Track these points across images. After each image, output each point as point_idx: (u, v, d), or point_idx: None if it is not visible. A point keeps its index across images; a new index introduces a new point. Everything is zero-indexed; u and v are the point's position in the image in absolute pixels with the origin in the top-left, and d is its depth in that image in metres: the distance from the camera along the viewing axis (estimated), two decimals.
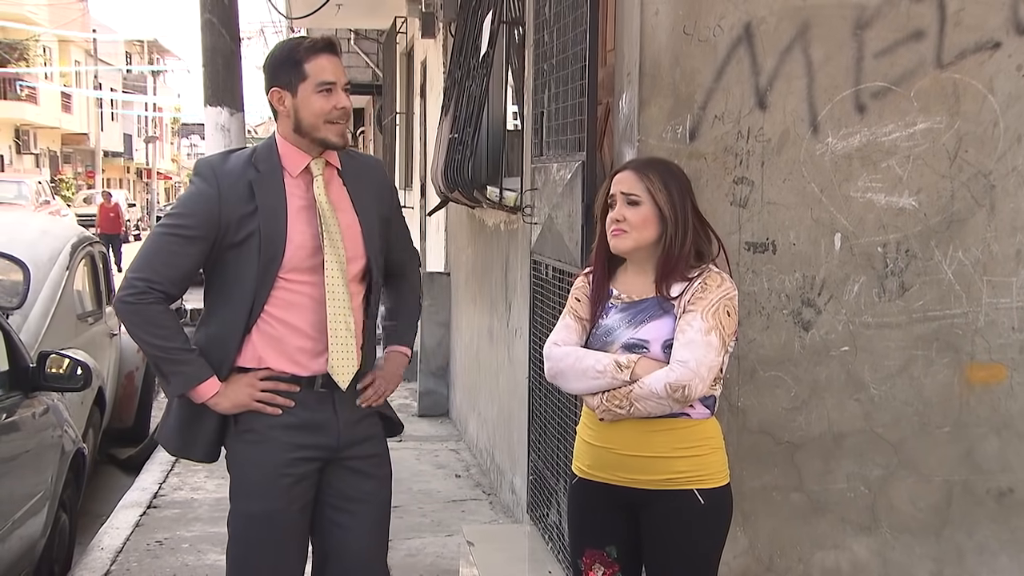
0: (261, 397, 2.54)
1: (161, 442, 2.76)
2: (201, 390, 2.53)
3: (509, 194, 4.74)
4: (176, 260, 2.53)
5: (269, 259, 2.52)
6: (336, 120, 2.55)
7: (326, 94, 2.54)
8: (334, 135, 2.57)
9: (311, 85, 2.54)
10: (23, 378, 4.03)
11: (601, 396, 2.43)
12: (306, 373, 2.58)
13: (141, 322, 2.52)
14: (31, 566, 4.07)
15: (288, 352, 2.57)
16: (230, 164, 2.59)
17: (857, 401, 3.14)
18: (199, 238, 2.52)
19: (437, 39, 7.92)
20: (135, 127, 50.34)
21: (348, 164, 2.69)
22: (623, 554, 2.53)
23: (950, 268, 3.12)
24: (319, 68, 2.55)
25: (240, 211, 2.52)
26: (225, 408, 2.55)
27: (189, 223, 2.53)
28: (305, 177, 2.60)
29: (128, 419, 6.91)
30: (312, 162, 2.60)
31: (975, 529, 3.20)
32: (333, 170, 2.65)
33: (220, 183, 2.53)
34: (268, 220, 2.52)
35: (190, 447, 2.66)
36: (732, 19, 3.03)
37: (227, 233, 2.52)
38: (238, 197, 2.52)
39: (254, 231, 2.51)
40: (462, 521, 4.94)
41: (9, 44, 35.24)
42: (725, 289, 2.43)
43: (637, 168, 2.51)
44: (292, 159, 2.60)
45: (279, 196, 2.56)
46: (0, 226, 6.22)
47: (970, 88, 3.08)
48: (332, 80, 2.55)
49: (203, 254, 2.54)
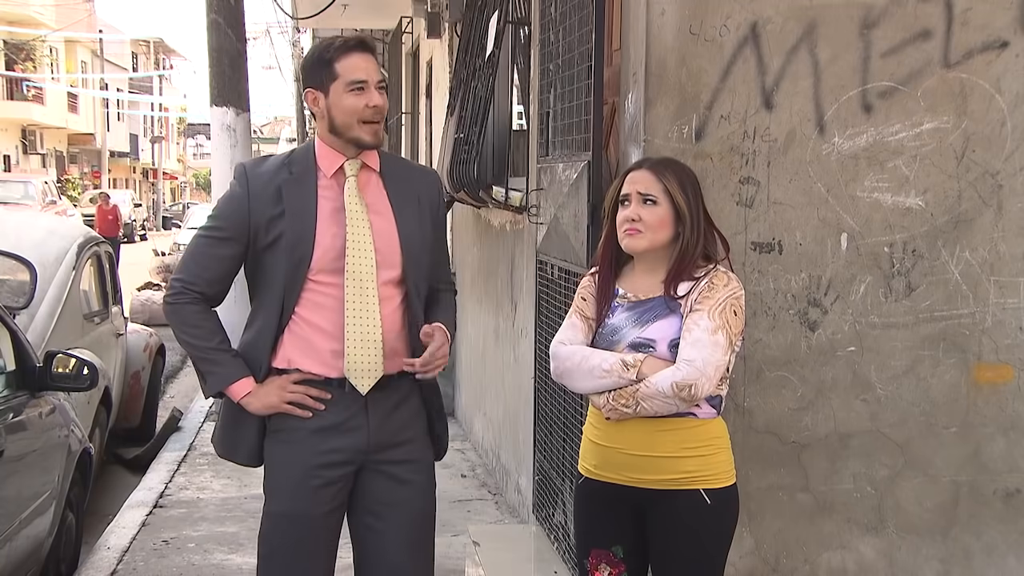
0: (291, 399, 2.54)
1: (213, 444, 2.76)
2: (233, 390, 2.55)
3: (515, 194, 4.74)
4: (210, 262, 2.56)
5: (298, 261, 2.52)
6: (369, 119, 2.53)
7: (358, 92, 2.52)
8: (368, 134, 2.54)
9: (342, 84, 2.52)
10: (30, 378, 4.03)
11: (608, 395, 2.43)
12: (335, 375, 2.56)
13: (178, 322, 2.57)
14: (38, 565, 4.08)
15: (317, 354, 2.56)
16: (265, 167, 2.61)
17: (863, 401, 3.14)
18: (231, 239, 2.55)
19: (443, 39, 7.92)
20: (141, 127, 50.43)
21: (393, 167, 2.67)
22: (629, 554, 2.53)
23: (957, 268, 3.12)
24: (350, 67, 2.53)
25: (269, 213, 2.52)
26: (256, 409, 2.56)
27: (221, 225, 2.58)
28: (339, 178, 2.58)
29: (134, 419, 6.92)
30: (347, 163, 2.58)
31: (983, 530, 3.19)
32: (372, 172, 2.62)
33: (251, 185, 2.55)
34: (295, 222, 2.52)
35: (235, 450, 2.67)
36: (738, 19, 3.02)
37: (258, 235, 2.53)
38: (268, 199, 2.53)
39: (282, 233, 2.52)
40: (468, 521, 4.94)
41: (16, 45, 35.32)
42: (732, 289, 2.43)
43: (654, 168, 2.49)
44: (327, 160, 2.58)
45: (309, 198, 2.55)
46: (7, 226, 6.23)
47: (977, 88, 3.07)
48: (363, 78, 2.52)
49: (238, 256, 2.57)
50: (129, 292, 7.90)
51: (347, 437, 2.56)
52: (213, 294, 2.59)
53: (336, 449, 2.55)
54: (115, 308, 6.73)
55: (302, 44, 22.72)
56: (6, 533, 3.61)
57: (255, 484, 2.74)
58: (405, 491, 2.62)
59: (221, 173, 7.22)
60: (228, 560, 4.53)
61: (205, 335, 2.56)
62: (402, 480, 2.61)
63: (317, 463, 2.54)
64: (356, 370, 2.54)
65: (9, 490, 3.72)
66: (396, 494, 2.61)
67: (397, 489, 2.61)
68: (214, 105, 7.30)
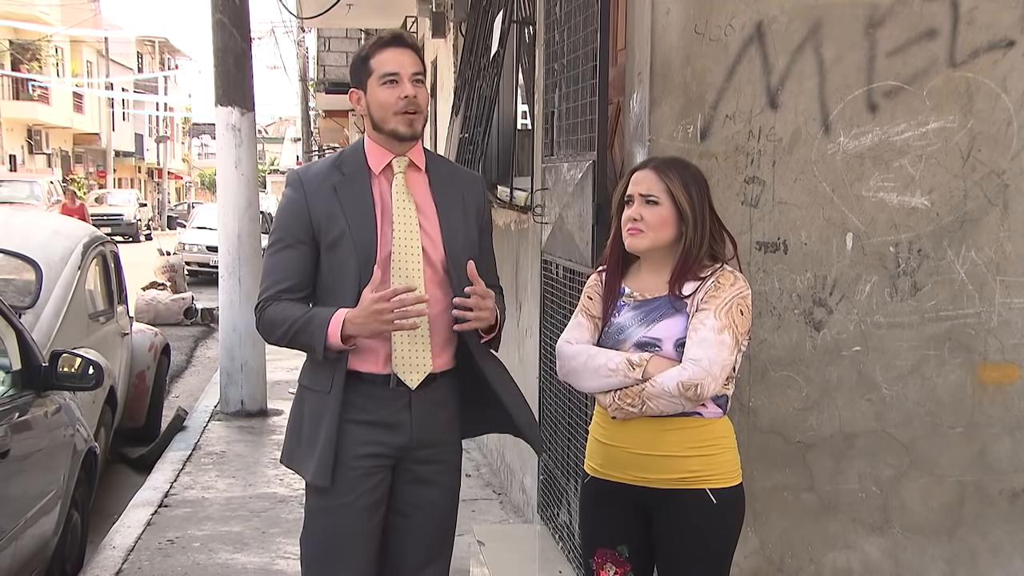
0: (392, 318, 2.43)
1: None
2: (332, 327, 2.47)
3: (519, 193, 4.74)
4: (284, 269, 2.56)
5: (366, 257, 2.52)
6: (404, 110, 2.54)
7: (391, 85, 2.54)
8: (403, 126, 2.55)
9: (376, 79, 2.55)
10: (35, 377, 4.04)
11: (613, 395, 2.43)
12: (382, 371, 2.57)
13: (268, 327, 2.57)
14: (43, 564, 4.09)
15: (367, 348, 2.55)
16: (315, 169, 2.64)
17: (869, 401, 3.13)
18: (298, 243, 2.56)
19: (447, 39, 7.93)
20: (146, 127, 50.53)
21: (439, 168, 2.68)
22: (635, 553, 2.52)
23: (963, 268, 3.11)
24: (382, 61, 2.55)
25: (327, 212, 2.54)
26: (366, 334, 2.47)
27: (285, 234, 2.58)
28: (388, 175, 2.60)
29: (139, 418, 6.93)
30: (394, 160, 2.60)
31: (988, 530, 3.18)
32: (419, 171, 2.63)
33: (306, 188, 2.57)
34: (356, 220, 2.53)
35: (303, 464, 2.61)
36: (743, 18, 3.02)
37: (319, 235, 2.54)
38: (323, 199, 2.55)
39: (343, 232, 2.53)
40: (472, 521, 4.94)
41: (22, 45, 35.40)
42: (738, 288, 2.42)
43: (658, 168, 2.49)
44: (375, 157, 2.60)
45: (364, 196, 2.56)
46: (13, 226, 6.24)
47: (983, 87, 3.07)
48: (395, 71, 2.54)
49: (310, 257, 2.56)
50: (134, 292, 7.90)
51: (391, 433, 2.57)
52: (294, 288, 2.56)
53: (379, 442, 2.56)
54: (120, 308, 6.73)
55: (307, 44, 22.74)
56: (12, 532, 3.62)
57: (260, 484, 2.73)
58: (431, 492, 2.64)
59: (226, 173, 7.23)
60: (233, 559, 4.53)
61: (287, 315, 2.53)
62: (428, 481, 2.63)
63: (357, 453, 2.55)
64: (404, 365, 2.55)
65: (15, 489, 3.72)
66: (425, 496, 2.63)
67: (426, 491, 2.63)
68: (219, 105, 7.30)
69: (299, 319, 2.52)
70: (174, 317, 12.48)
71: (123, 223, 29.36)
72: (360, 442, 2.55)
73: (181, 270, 14.22)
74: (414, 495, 2.63)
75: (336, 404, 2.53)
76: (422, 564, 2.67)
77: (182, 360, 10.20)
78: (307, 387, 2.63)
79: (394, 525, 2.64)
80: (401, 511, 2.63)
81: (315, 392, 2.59)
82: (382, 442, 2.57)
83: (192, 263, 16.82)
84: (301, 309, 2.54)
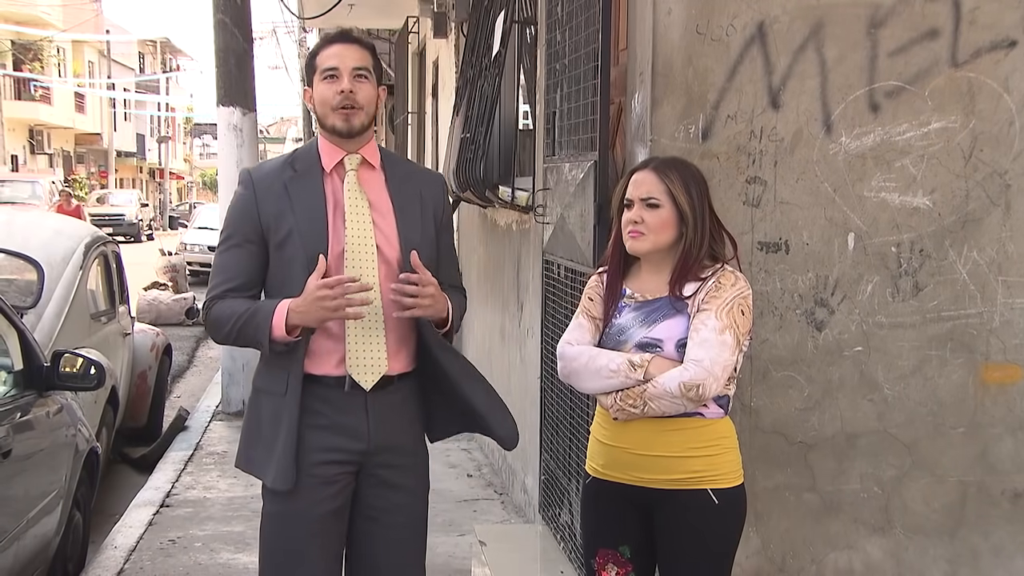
0: (336, 305, 2.39)
1: None
2: (276, 319, 2.43)
3: (521, 194, 4.73)
4: (232, 269, 2.54)
5: (314, 256, 2.48)
6: (340, 106, 2.51)
7: (330, 81, 2.52)
8: (339, 121, 2.52)
9: (318, 75, 2.54)
10: (37, 377, 4.04)
11: (615, 396, 2.42)
12: (335, 372, 2.53)
13: (215, 324, 2.54)
14: (45, 564, 4.09)
15: (322, 351, 2.52)
16: (267, 167, 2.62)
17: (870, 401, 3.13)
18: (247, 242, 2.54)
19: (449, 39, 7.93)
20: (148, 127, 50.53)
21: (396, 167, 2.66)
22: (636, 554, 2.52)
23: (965, 268, 3.11)
24: (325, 57, 2.54)
25: (277, 210, 2.52)
26: (310, 323, 2.44)
27: (233, 233, 2.56)
28: (340, 172, 2.58)
29: (141, 418, 6.94)
30: (346, 157, 2.57)
31: (990, 530, 3.18)
32: (373, 169, 2.61)
33: (256, 187, 2.55)
34: (305, 217, 2.51)
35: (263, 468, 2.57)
36: (745, 18, 3.02)
37: (269, 233, 2.52)
38: (274, 197, 2.53)
39: (292, 229, 2.50)
40: (474, 521, 4.94)
41: (23, 45, 35.42)
42: (739, 288, 2.42)
43: (658, 168, 2.48)
44: (328, 155, 2.58)
45: (315, 193, 2.54)
46: (15, 226, 6.24)
47: (985, 87, 3.06)
48: (334, 66, 2.51)
49: (259, 255, 2.54)
50: (136, 292, 7.90)
51: (347, 437, 2.53)
52: (242, 286, 2.54)
53: (336, 448, 2.52)
54: (122, 308, 6.74)
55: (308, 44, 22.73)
56: (14, 532, 3.62)
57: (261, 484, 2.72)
58: (398, 496, 2.60)
59: (228, 173, 7.23)
60: (234, 559, 4.53)
61: (233, 311, 2.50)
62: (396, 485, 2.59)
63: (316, 460, 2.51)
64: (358, 366, 2.51)
65: (17, 489, 3.73)
66: (390, 499, 2.59)
67: (391, 494, 2.59)
68: (221, 105, 7.31)
69: (244, 313, 2.48)
70: (176, 317, 12.49)
71: (125, 223, 29.39)
72: (318, 448, 2.51)
73: (183, 270, 14.23)
74: (380, 498, 2.58)
75: (294, 407, 2.49)
76: (396, 567, 2.62)
77: (183, 360, 10.20)
78: (262, 389, 2.58)
79: (362, 530, 2.60)
80: (368, 515, 2.59)
81: (270, 395, 2.54)
82: (341, 448, 2.53)
83: (194, 263, 16.81)
84: (246, 304, 2.51)
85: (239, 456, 2.64)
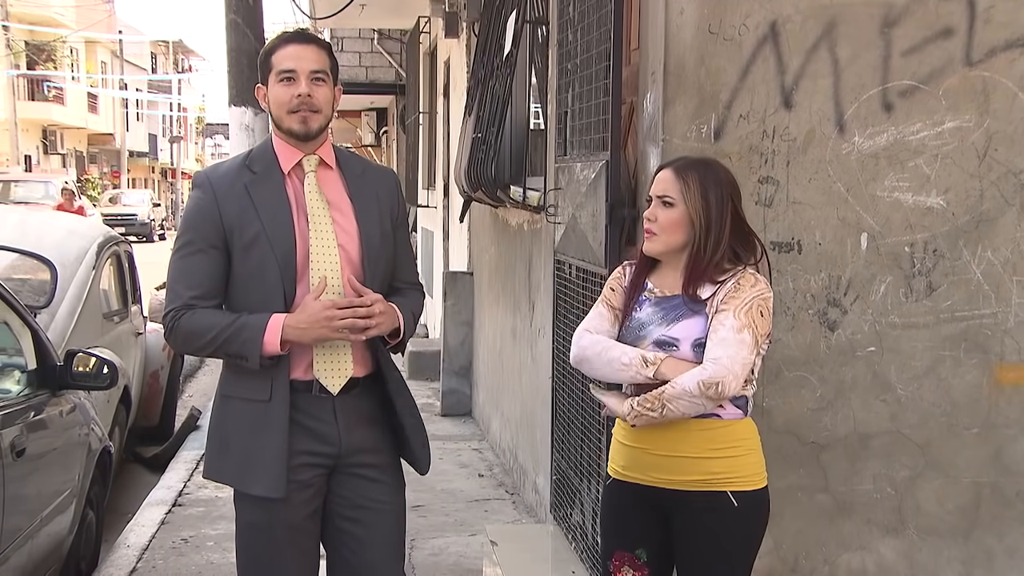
0: (343, 325, 2.40)
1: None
2: (269, 335, 2.41)
3: (532, 193, 4.73)
4: (196, 276, 2.48)
5: (284, 258, 2.46)
6: (297, 109, 2.47)
7: (287, 83, 2.49)
8: (297, 124, 2.49)
9: (274, 76, 2.51)
10: (51, 376, 4.06)
11: (632, 400, 2.40)
12: (304, 377, 2.52)
13: (183, 338, 2.48)
14: (59, 563, 4.11)
15: (292, 355, 2.50)
16: (223, 169, 2.57)
17: (883, 402, 3.12)
18: (210, 247, 2.48)
19: (460, 39, 7.93)
20: (160, 127, 50.73)
21: (352, 166, 2.63)
22: (653, 556, 2.51)
23: (979, 268, 3.09)
24: (281, 57, 2.51)
25: (240, 212, 2.47)
26: (308, 341, 2.44)
27: (194, 237, 2.49)
28: (299, 173, 2.55)
29: (153, 418, 6.96)
30: (304, 159, 2.55)
31: (1005, 532, 3.16)
32: (331, 169, 2.59)
33: (216, 190, 2.50)
34: (271, 219, 2.47)
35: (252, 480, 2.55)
36: (757, 18, 3.01)
37: (233, 236, 2.47)
38: (235, 200, 2.48)
39: (259, 231, 2.46)
40: (485, 520, 4.94)
41: (37, 45, 35.60)
42: (759, 289, 2.40)
43: (678, 168, 2.46)
44: (285, 156, 2.55)
45: (279, 195, 2.51)
46: (28, 225, 6.27)
47: (1000, 86, 3.05)
48: (291, 68, 2.48)
49: (220, 263, 2.48)
50: (148, 291, 7.92)
51: (317, 441, 2.52)
52: (207, 297, 2.48)
53: (307, 452, 2.51)
54: (134, 307, 6.76)
55: None
56: (28, 531, 3.64)
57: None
58: (378, 490, 2.59)
59: None
60: None
61: (213, 323, 2.45)
62: (375, 480, 2.59)
63: (292, 464, 2.48)
64: (326, 370, 2.51)
65: (30, 488, 3.74)
66: (370, 495, 2.58)
67: (371, 489, 2.58)
68: (232, 105, 7.32)
69: (227, 327, 2.43)
70: None
71: (137, 223, 29.51)
72: (294, 452, 2.49)
73: None
74: (360, 496, 2.57)
75: (283, 414, 2.46)
76: (379, 564, 2.60)
77: (195, 360, 10.22)
78: (236, 397, 2.53)
79: (344, 530, 2.59)
80: (348, 516, 2.58)
81: (248, 401, 2.50)
82: (314, 451, 2.52)
83: None
84: (227, 317, 2.45)
85: (208, 466, 2.62)
